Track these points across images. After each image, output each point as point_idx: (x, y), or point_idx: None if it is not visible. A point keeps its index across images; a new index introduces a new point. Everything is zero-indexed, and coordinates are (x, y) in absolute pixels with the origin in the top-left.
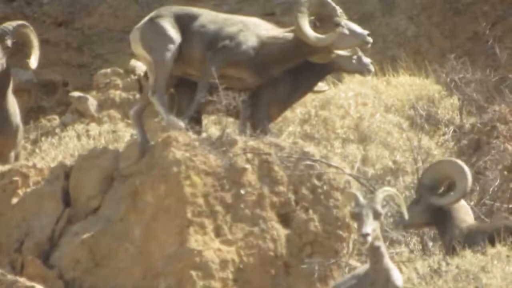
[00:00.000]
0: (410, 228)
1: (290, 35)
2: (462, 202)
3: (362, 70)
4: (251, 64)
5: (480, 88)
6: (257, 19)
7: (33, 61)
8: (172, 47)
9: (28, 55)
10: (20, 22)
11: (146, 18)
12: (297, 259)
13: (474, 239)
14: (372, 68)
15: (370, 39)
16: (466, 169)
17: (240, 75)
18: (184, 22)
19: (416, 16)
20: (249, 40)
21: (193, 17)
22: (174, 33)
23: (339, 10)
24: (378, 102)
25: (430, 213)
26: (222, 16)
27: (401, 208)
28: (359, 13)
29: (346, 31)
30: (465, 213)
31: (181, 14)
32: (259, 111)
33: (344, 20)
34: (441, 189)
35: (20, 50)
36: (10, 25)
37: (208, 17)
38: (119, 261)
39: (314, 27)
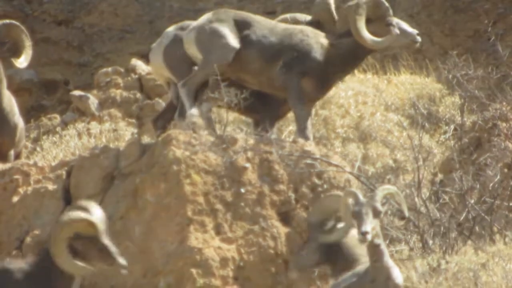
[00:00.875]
0: (305, 269)
1: (345, 41)
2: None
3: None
4: (316, 73)
5: (482, 86)
6: (310, 28)
7: (22, 61)
8: (229, 56)
9: (18, 54)
10: (8, 21)
11: (204, 20)
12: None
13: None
14: (419, 38)
15: (419, 38)
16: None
17: (306, 87)
18: (242, 29)
19: (417, 14)
20: (314, 48)
21: (250, 25)
22: (232, 39)
23: (390, 9)
24: (379, 101)
25: (321, 252)
26: (279, 26)
27: (401, 206)
28: None
29: (398, 31)
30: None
31: (239, 20)
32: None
33: (395, 19)
34: (329, 225)
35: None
36: None
37: (266, 26)
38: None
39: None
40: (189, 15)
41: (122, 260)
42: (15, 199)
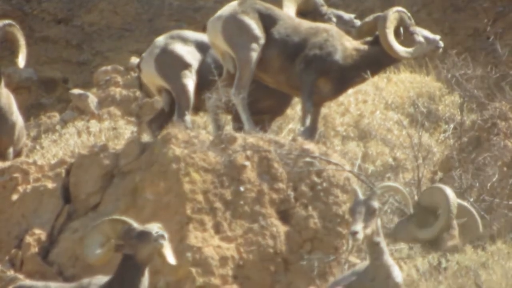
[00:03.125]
0: (400, 241)
1: (372, 49)
2: None
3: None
4: (335, 75)
5: (481, 85)
6: (335, 28)
7: (21, 60)
8: (257, 47)
9: (16, 55)
10: (6, 21)
11: (230, 10)
12: (296, 256)
13: None
14: (441, 43)
15: (441, 44)
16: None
17: (323, 87)
18: (266, 23)
19: (416, 12)
20: (337, 50)
21: (275, 20)
22: (259, 33)
23: (412, 19)
24: (378, 99)
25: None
26: (303, 24)
27: (404, 201)
28: (358, 10)
29: (422, 39)
30: None
31: (264, 13)
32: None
33: (417, 28)
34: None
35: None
36: None
37: (289, 23)
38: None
39: None
40: (188, 13)
41: (160, 232)
42: (15, 197)
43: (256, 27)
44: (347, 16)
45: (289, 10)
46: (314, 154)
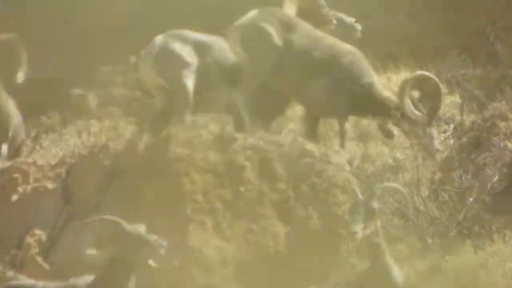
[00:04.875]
0: (499, 215)
1: (395, 100)
2: None
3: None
4: (350, 100)
5: (481, 85)
6: (354, 49)
7: (20, 76)
8: (274, 57)
9: (16, 69)
10: (10, 35)
11: (249, 18)
12: (296, 256)
13: None
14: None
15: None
16: None
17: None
18: (285, 33)
19: (416, 12)
20: (364, 76)
21: (293, 29)
22: (279, 42)
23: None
24: None
25: None
26: (325, 40)
27: (404, 201)
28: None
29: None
30: None
31: (284, 21)
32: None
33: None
34: None
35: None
36: None
37: (310, 36)
38: None
39: None
40: (188, 13)
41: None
42: (14, 197)
43: (276, 37)
44: (348, 19)
45: (290, 9)
46: (314, 154)
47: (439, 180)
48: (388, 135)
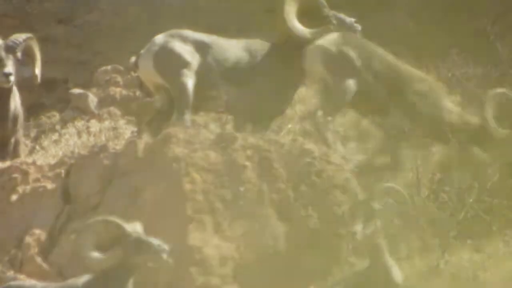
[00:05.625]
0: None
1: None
2: None
3: None
4: None
5: (482, 84)
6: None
7: (38, 75)
8: (358, 81)
9: (33, 69)
10: (29, 34)
11: (329, 40)
12: (296, 256)
13: None
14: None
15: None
16: None
17: None
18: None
19: (416, 12)
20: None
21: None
22: (361, 67)
23: None
24: None
25: None
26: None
27: (404, 202)
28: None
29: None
30: None
31: (360, 47)
32: None
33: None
34: None
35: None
36: (20, 37)
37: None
38: None
39: None
40: (189, 14)
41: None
42: (14, 198)
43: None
44: (348, 19)
45: (291, 9)
46: (314, 154)
47: (439, 180)
48: None
